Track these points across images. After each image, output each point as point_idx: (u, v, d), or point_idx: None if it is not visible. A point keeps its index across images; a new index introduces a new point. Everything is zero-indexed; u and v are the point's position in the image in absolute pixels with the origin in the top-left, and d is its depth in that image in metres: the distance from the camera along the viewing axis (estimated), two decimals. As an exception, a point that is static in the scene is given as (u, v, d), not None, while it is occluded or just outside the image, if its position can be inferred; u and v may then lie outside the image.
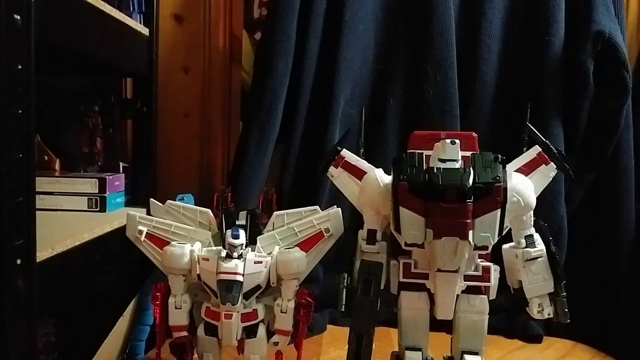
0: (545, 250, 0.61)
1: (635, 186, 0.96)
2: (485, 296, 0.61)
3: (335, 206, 0.70)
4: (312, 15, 0.98)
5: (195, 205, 0.73)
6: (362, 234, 0.62)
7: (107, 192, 0.95)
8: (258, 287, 0.64)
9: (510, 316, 0.93)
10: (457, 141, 0.57)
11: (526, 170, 0.63)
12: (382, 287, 0.62)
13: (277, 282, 0.65)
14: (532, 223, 0.61)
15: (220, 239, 0.67)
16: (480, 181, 0.54)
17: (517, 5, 0.99)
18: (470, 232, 0.53)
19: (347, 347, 0.60)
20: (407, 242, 0.56)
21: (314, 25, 0.99)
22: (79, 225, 0.81)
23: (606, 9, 0.95)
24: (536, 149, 0.64)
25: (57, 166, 1.05)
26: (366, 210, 0.62)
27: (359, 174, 0.65)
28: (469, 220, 0.53)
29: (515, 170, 0.62)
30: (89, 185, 0.95)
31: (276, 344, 0.66)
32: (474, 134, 0.64)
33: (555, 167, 0.63)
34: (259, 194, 0.79)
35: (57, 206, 0.94)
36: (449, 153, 0.57)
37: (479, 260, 0.60)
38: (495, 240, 0.55)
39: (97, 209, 0.95)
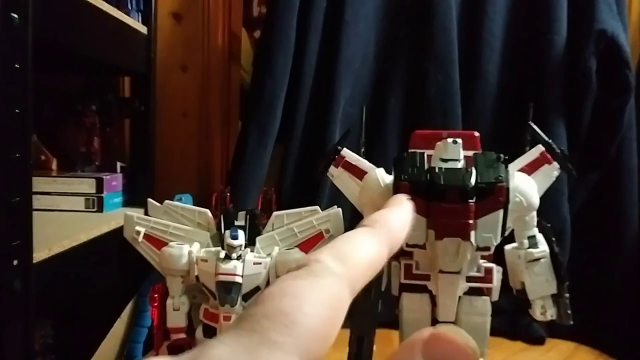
0: (548, 251, 0.60)
1: (638, 186, 0.96)
2: (488, 298, 0.60)
3: (336, 206, 0.69)
4: (312, 14, 0.98)
5: (194, 205, 0.72)
6: (363, 234, 0.62)
7: (105, 192, 0.95)
8: (257, 288, 0.63)
9: (512, 318, 0.93)
10: (459, 140, 0.57)
11: (529, 169, 0.62)
12: (383, 289, 0.61)
13: (276, 284, 0.64)
14: (535, 223, 0.60)
15: (219, 240, 0.66)
16: (483, 181, 0.53)
17: (519, 3, 0.98)
18: (473, 232, 0.53)
19: (347, 349, 0.59)
20: (408, 243, 0.55)
21: (314, 23, 0.98)
22: (76, 225, 0.81)
23: (609, 7, 0.94)
24: (539, 149, 0.63)
25: (54, 166, 1.04)
26: (367, 210, 0.62)
27: (359, 173, 0.64)
28: (471, 221, 0.52)
29: (518, 170, 0.61)
30: (86, 186, 0.95)
31: (275, 345, 0.66)
32: (476, 133, 0.63)
33: (558, 166, 0.62)
34: (258, 194, 0.79)
35: (54, 206, 0.93)
36: (451, 152, 0.56)
37: (482, 261, 0.60)
38: (498, 241, 0.55)
39: (95, 209, 0.95)
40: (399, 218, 0.25)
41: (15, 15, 0.54)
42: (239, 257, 0.62)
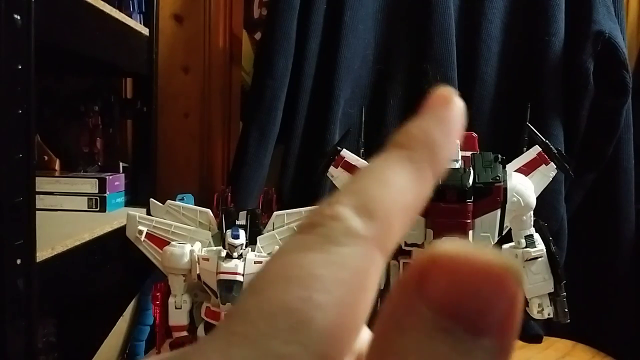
0: (545, 250, 0.61)
1: (635, 186, 0.96)
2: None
3: (335, 206, 0.69)
4: (312, 15, 0.98)
5: (195, 205, 0.73)
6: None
7: (107, 192, 0.95)
8: (258, 287, 0.64)
9: (510, 316, 0.93)
10: (457, 141, 0.57)
11: (526, 170, 0.63)
12: (381, 288, 0.62)
13: (277, 282, 0.65)
14: (532, 223, 0.61)
15: (220, 239, 0.67)
16: (480, 181, 0.54)
17: (517, 5, 0.99)
18: (470, 232, 0.53)
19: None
20: (407, 242, 0.56)
21: (314, 25, 0.99)
22: (79, 225, 0.81)
23: (606, 9, 0.95)
24: (536, 149, 0.63)
25: (57, 166, 1.05)
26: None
27: (359, 174, 0.65)
28: (469, 220, 0.53)
29: (516, 170, 0.62)
30: (89, 185, 0.95)
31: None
32: (474, 134, 0.64)
33: (555, 167, 0.63)
34: (259, 194, 0.80)
35: (57, 206, 0.94)
36: (449, 153, 0.57)
37: (479, 260, 0.60)
38: (496, 240, 0.55)
39: (97, 209, 0.95)
40: (445, 130, 0.16)
41: (18, 17, 0.54)
42: (240, 256, 0.62)
